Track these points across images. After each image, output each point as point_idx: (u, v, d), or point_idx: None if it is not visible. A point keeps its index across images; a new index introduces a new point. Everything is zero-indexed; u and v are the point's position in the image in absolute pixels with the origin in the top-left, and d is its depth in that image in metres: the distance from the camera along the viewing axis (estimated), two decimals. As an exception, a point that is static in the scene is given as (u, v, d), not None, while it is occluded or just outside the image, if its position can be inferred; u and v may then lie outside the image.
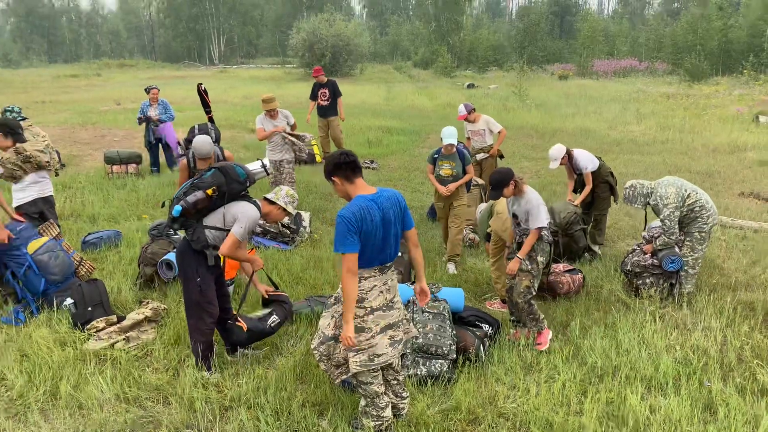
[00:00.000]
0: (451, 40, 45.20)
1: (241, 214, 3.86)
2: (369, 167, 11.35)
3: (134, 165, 10.28)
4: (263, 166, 5.93)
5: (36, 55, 63.16)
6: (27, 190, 5.78)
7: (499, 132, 8.16)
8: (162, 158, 10.71)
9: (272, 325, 4.38)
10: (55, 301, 5.06)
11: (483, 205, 6.38)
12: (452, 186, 6.15)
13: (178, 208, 3.79)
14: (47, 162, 5.82)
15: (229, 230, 3.86)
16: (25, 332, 4.68)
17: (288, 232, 7.00)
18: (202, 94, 7.82)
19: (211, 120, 7.68)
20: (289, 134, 7.57)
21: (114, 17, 75.02)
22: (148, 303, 5.07)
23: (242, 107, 19.82)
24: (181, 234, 5.13)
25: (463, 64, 44.38)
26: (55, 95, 26.79)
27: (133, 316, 4.82)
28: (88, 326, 4.73)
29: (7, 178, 5.78)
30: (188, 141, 6.18)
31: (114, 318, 4.84)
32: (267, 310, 4.48)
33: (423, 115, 19.22)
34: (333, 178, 3.29)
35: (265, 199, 4.06)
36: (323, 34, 37.26)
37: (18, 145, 5.63)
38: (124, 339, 4.61)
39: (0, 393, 3.93)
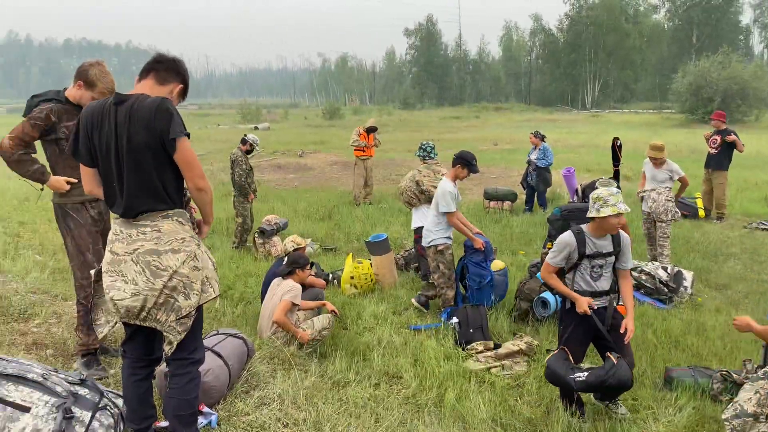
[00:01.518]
0: None
1: None
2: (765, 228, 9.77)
3: (509, 202, 10.93)
4: None
5: (428, 99, 72.96)
6: (422, 218, 6.73)
7: None
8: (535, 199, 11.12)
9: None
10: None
11: None
12: None
13: None
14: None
15: None
16: (417, 339, 5.37)
17: (666, 290, 6.50)
18: (616, 149, 7.89)
19: (616, 174, 7.72)
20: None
21: (496, 64, 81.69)
22: (522, 336, 5.29)
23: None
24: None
25: None
26: (441, 134, 30.37)
27: (508, 346, 5.09)
28: (469, 346, 5.16)
29: (405, 202, 6.97)
30: (584, 190, 6.34)
31: (491, 344, 5.18)
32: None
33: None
34: None
35: None
36: (713, 78, 33.87)
37: (419, 178, 6.67)
38: (499, 366, 4.89)
39: (398, 389, 4.57)
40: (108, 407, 2.78)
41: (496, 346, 5.15)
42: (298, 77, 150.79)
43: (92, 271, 2.78)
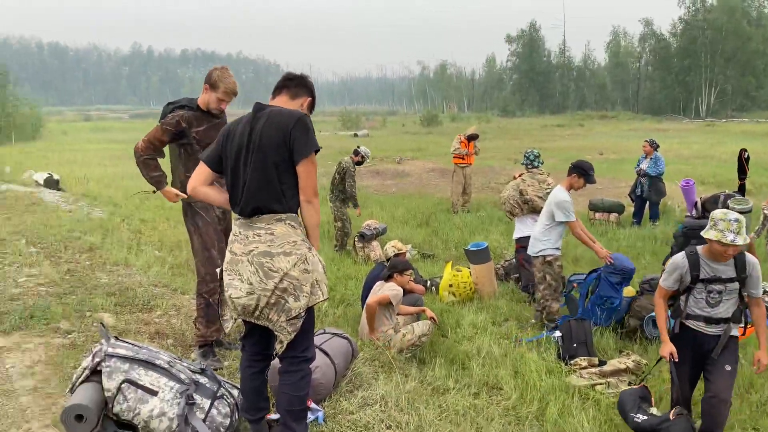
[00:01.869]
0: None
1: None
2: None
3: (616, 214, 10.48)
4: None
5: (529, 106, 71.42)
6: (525, 228, 6.58)
7: None
8: (646, 212, 10.59)
9: None
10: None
11: None
12: None
13: None
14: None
15: None
16: (518, 351, 5.27)
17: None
18: (743, 161, 7.46)
19: (741, 187, 7.29)
20: None
21: (602, 71, 78.66)
22: (629, 354, 5.06)
23: (732, 164, 18.04)
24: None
25: None
26: (542, 142, 29.59)
27: (614, 363, 4.88)
28: (572, 361, 5.00)
29: (507, 212, 6.81)
30: (704, 204, 6.02)
31: (596, 360, 4.99)
32: None
33: None
34: None
35: None
36: None
37: (522, 187, 6.51)
38: (604, 383, 4.70)
39: (498, 400, 4.51)
40: (225, 396, 2.94)
41: (601, 363, 4.96)
42: (396, 85, 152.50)
43: (218, 270, 2.93)
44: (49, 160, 21.09)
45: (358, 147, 9.26)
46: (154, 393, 2.77)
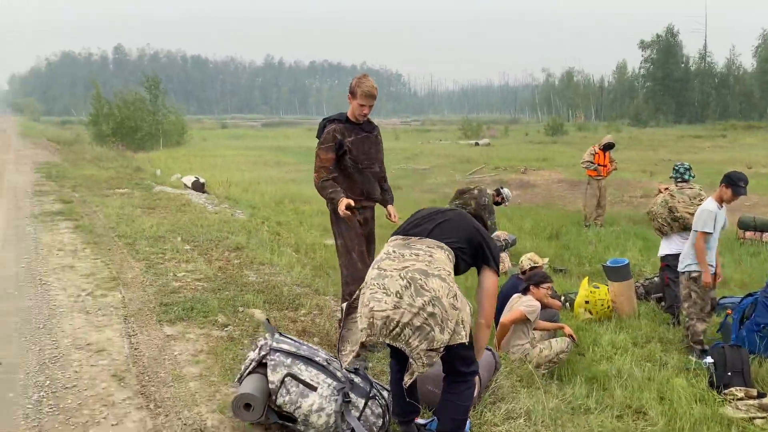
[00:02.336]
0: None
1: None
2: None
3: (770, 234, 9.60)
4: None
5: (663, 116, 67.11)
6: (672, 245, 6.19)
7: None
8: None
9: None
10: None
11: None
12: None
13: None
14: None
15: None
16: (663, 375, 4.97)
17: None
18: None
19: None
20: None
21: (748, 77, 72.29)
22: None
23: None
24: None
25: None
26: (680, 154, 27.70)
27: (778, 397, 4.47)
28: (726, 391, 4.64)
29: (655, 229, 6.43)
30: None
31: (754, 392, 4.60)
32: None
33: None
34: None
35: None
36: None
37: (672, 203, 6.14)
38: (764, 417, 4.32)
39: (643, 426, 4.27)
40: (377, 397, 3.04)
41: (760, 395, 4.56)
42: (519, 93, 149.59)
43: (343, 305, 2.98)
44: (193, 165, 22.88)
45: (501, 188, 9.00)
46: (313, 388, 2.92)
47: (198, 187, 13.93)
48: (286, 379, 2.93)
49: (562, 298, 6.88)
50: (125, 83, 60.80)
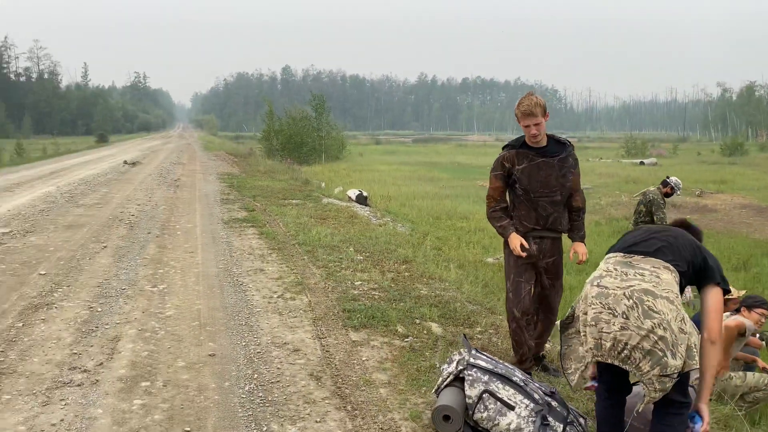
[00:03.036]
0: None
1: None
2: None
3: None
4: None
5: None
6: None
7: None
8: None
9: None
10: None
11: None
12: None
13: None
14: None
15: None
16: None
17: None
18: None
19: None
20: None
21: None
22: None
23: None
24: None
25: None
26: None
27: None
28: None
29: None
30: None
31: None
32: None
33: None
34: None
35: None
36: None
37: None
38: None
39: None
40: (574, 423, 2.97)
41: None
42: (689, 109, 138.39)
43: (558, 322, 2.93)
44: (352, 178, 23.97)
45: (668, 177, 8.63)
46: (511, 407, 2.92)
47: (362, 200, 14.55)
48: (483, 395, 2.96)
49: (757, 335, 6.23)
50: (291, 101, 65.35)
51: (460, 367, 3.09)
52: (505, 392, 2.97)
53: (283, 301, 5.61)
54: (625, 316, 2.51)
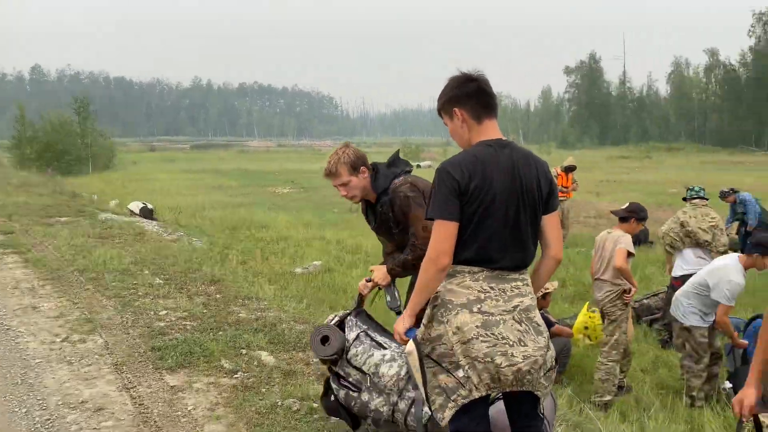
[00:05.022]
0: None
1: None
2: None
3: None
4: None
5: (589, 138, 70.19)
6: (688, 264, 6.13)
7: None
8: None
9: None
10: None
11: None
12: None
13: None
14: (705, 241, 6.05)
15: None
16: (685, 403, 4.87)
17: None
18: None
19: None
20: None
21: (664, 103, 76.85)
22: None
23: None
24: None
25: None
26: (615, 175, 28.93)
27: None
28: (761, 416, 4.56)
29: (667, 245, 6.40)
30: None
31: (782, 418, 4.54)
32: None
33: None
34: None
35: None
36: None
37: (684, 218, 6.13)
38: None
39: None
40: None
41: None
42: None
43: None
44: (129, 190, 21.78)
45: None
46: (384, 348, 3.02)
47: (147, 213, 13.11)
48: (360, 334, 3.06)
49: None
50: (45, 105, 57.70)
51: (344, 316, 3.15)
52: (381, 338, 3.08)
53: (69, 345, 4.56)
54: (522, 344, 2.22)
